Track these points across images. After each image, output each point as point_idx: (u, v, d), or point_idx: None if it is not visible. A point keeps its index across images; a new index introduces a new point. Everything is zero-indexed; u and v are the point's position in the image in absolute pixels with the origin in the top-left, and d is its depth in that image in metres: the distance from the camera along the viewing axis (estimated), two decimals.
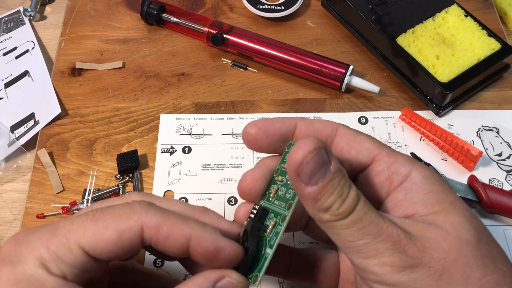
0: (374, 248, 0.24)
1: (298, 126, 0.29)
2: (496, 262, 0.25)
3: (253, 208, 0.29)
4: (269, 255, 0.27)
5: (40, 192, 0.44)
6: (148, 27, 0.56)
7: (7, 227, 0.44)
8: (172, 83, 0.51)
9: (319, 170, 0.24)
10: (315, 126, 0.29)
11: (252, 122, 0.29)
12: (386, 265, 0.24)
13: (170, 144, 0.47)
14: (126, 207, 0.25)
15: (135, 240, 0.24)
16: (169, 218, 0.25)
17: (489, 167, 0.45)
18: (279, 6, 0.55)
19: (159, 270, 0.39)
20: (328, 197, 0.24)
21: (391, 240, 0.24)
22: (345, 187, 0.24)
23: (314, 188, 0.24)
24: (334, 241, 0.25)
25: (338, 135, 0.29)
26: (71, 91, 0.51)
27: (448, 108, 0.48)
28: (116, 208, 0.25)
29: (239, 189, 0.29)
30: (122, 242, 0.24)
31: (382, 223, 0.24)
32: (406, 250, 0.24)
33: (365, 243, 0.24)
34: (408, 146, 0.46)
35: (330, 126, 0.29)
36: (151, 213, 0.25)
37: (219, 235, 0.26)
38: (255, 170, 0.29)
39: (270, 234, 0.27)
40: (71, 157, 0.46)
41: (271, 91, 0.51)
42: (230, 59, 0.53)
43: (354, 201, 0.24)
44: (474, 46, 0.48)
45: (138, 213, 0.25)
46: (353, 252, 0.24)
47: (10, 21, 0.58)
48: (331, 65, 0.49)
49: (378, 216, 0.24)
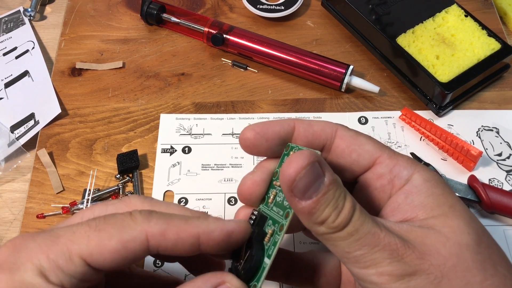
0: (372, 258, 0.24)
1: (297, 128, 0.29)
2: (497, 266, 0.25)
3: (252, 213, 0.28)
4: (267, 265, 0.26)
5: (40, 192, 0.44)
6: (148, 27, 0.56)
7: (7, 227, 0.44)
8: (172, 83, 0.51)
9: (313, 185, 0.24)
10: (314, 128, 0.29)
11: (249, 127, 0.28)
12: (384, 275, 0.24)
13: (170, 144, 0.47)
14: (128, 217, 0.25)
15: (140, 250, 0.24)
16: (172, 223, 0.25)
17: (489, 167, 0.45)
18: (279, 6, 0.55)
19: (159, 271, 0.39)
20: (323, 210, 0.24)
21: (389, 249, 0.24)
22: (340, 198, 0.24)
23: (308, 202, 0.24)
24: (332, 251, 0.25)
25: (338, 137, 0.29)
26: (71, 91, 0.51)
27: (448, 108, 0.48)
28: (118, 218, 0.25)
29: (239, 193, 0.29)
30: (126, 253, 0.24)
31: (379, 232, 0.24)
32: (404, 258, 0.24)
33: (362, 254, 0.24)
34: (408, 146, 0.46)
35: (329, 128, 0.29)
36: (153, 222, 0.25)
37: (223, 221, 0.26)
38: (255, 173, 0.29)
39: (268, 243, 0.27)
40: (71, 157, 0.46)
41: (271, 91, 0.51)
42: (230, 59, 0.53)
43: (350, 212, 0.24)
44: (474, 46, 0.48)
45: (140, 223, 0.24)
46: (351, 263, 0.24)
47: (10, 21, 0.58)
48: (331, 65, 0.49)
49: (374, 226, 0.24)
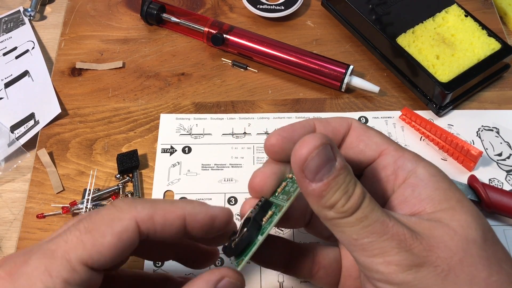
0: (380, 247, 0.24)
1: (317, 128, 0.29)
2: (501, 263, 0.25)
3: (259, 200, 0.29)
4: (258, 241, 0.27)
5: (40, 192, 0.44)
6: (148, 27, 0.56)
7: (7, 227, 0.44)
8: (172, 83, 0.51)
9: (324, 166, 0.24)
10: (332, 124, 0.29)
11: (274, 132, 0.28)
12: (391, 264, 0.23)
13: (170, 144, 0.47)
14: (113, 209, 0.25)
15: (134, 238, 0.25)
16: (158, 207, 0.25)
17: (489, 167, 0.45)
18: (279, 6, 0.55)
19: (159, 270, 0.39)
20: (333, 194, 0.24)
21: (397, 238, 0.24)
22: (351, 184, 0.24)
23: (319, 184, 0.24)
24: (338, 238, 0.25)
25: (352, 128, 0.29)
26: (71, 91, 0.51)
27: (448, 108, 0.48)
28: (104, 213, 0.25)
29: (250, 187, 0.29)
30: (122, 245, 0.24)
31: (388, 221, 0.24)
32: (412, 249, 0.23)
33: (370, 242, 0.24)
34: (408, 146, 0.46)
35: (345, 122, 0.29)
36: (140, 207, 0.25)
37: (208, 205, 0.27)
38: (265, 167, 0.29)
39: (265, 224, 0.27)
40: (71, 157, 0.46)
41: (271, 91, 0.51)
42: (230, 59, 0.53)
43: (360, 198, 0.24)
44: (474, 46, 0.48)
45: (127, 211, 0.25)
46: (358, 250, 0.24)
47: (10, 21, 0.58)
48: (331, 65, 0.49)
49: (383, 215, 0.24)
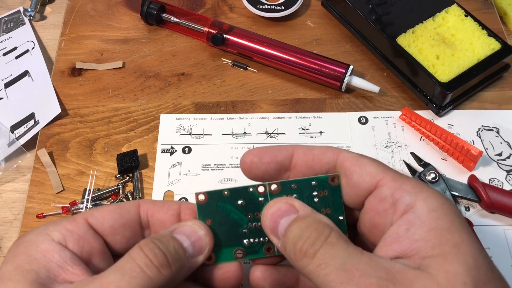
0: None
1: (296, 153, 0.29)
2: None
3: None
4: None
5: (40, 192, 0.44)
6: (148, 27, 0.56)
7: (7, 227, 0.44)
8: (172, 83, 0.51)
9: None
10: (314, 151, 0.28)
11: (248, 151, 0.29)
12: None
13: (170, 144, 0.47)
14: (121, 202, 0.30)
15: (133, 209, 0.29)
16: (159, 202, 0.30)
17: (489, 167, 0.45)
18: (279, 6, 0.55)
19: None
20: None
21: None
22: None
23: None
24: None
25: (340, 160, 0.28)
26: (71, 91, 0.51)
27: (448, 108, 0.48)
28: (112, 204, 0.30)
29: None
30: (121, 211, 0.28)
31: (354, 270, 0.23)
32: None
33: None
34: (408, 146, 0.46)
35: (330, 151, 0.28)
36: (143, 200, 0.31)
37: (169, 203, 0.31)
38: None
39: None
40: (71, 157, 0.46)
41: (271, 91, 0.51)
42: (230, 59, 0.53)
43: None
44: (474, 46, 0.48)
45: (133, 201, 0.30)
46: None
47: (10, 21, 0.58)
48: (331, 65, 0.49)
49: (351, 260, 0.24)
